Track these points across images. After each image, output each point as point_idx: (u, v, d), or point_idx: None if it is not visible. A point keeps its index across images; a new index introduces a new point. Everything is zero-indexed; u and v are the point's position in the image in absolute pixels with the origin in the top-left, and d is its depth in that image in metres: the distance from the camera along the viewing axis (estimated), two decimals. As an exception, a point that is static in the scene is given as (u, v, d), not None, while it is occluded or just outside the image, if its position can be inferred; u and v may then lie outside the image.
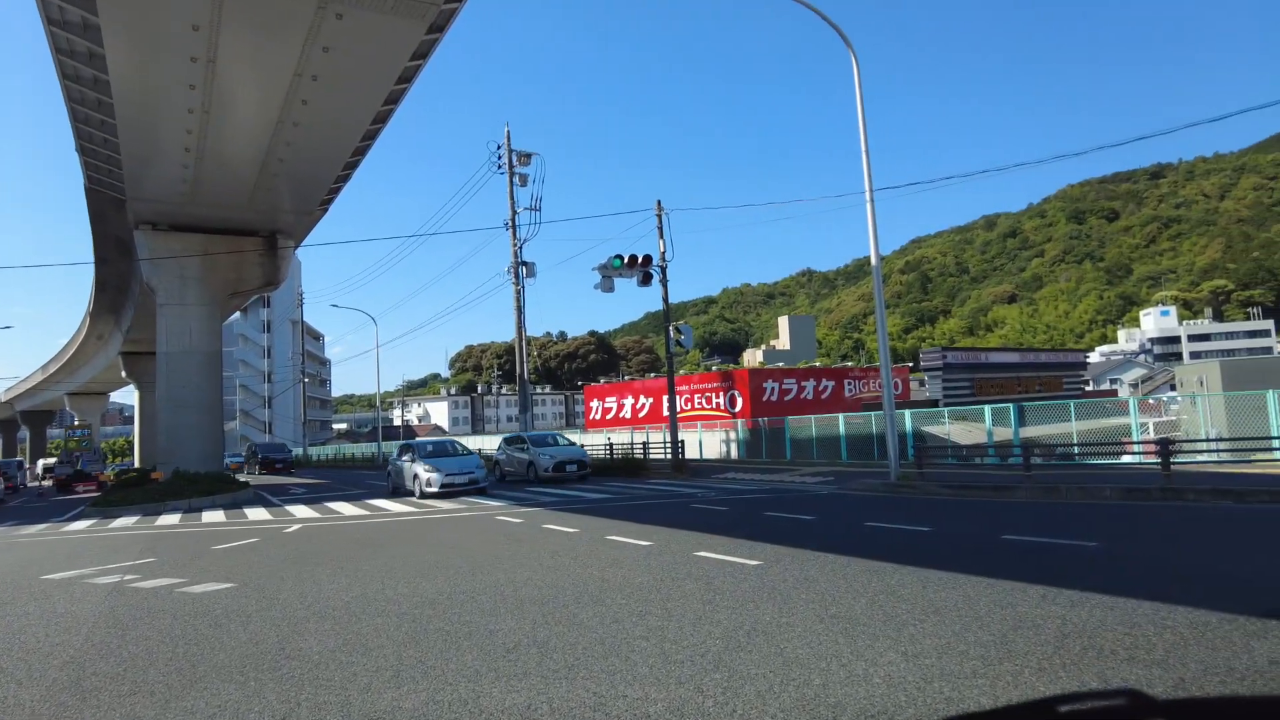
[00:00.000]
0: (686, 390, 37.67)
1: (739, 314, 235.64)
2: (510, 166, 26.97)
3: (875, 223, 16.11)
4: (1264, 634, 4.68)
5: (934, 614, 5.46)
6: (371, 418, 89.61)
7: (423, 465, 19.57)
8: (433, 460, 19.90)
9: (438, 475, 19.15)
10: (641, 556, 8.71)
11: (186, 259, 27.63)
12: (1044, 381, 39.12)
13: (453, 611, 6.34)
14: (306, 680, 4.62)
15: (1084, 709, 0.93)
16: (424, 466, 19.47)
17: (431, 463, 19.64)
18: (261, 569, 9.21)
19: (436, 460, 19.94)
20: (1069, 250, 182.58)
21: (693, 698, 3.97)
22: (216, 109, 19.37)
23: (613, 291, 23.53)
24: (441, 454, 20.79)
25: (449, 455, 20.84)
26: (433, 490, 19.00)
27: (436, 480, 19.07)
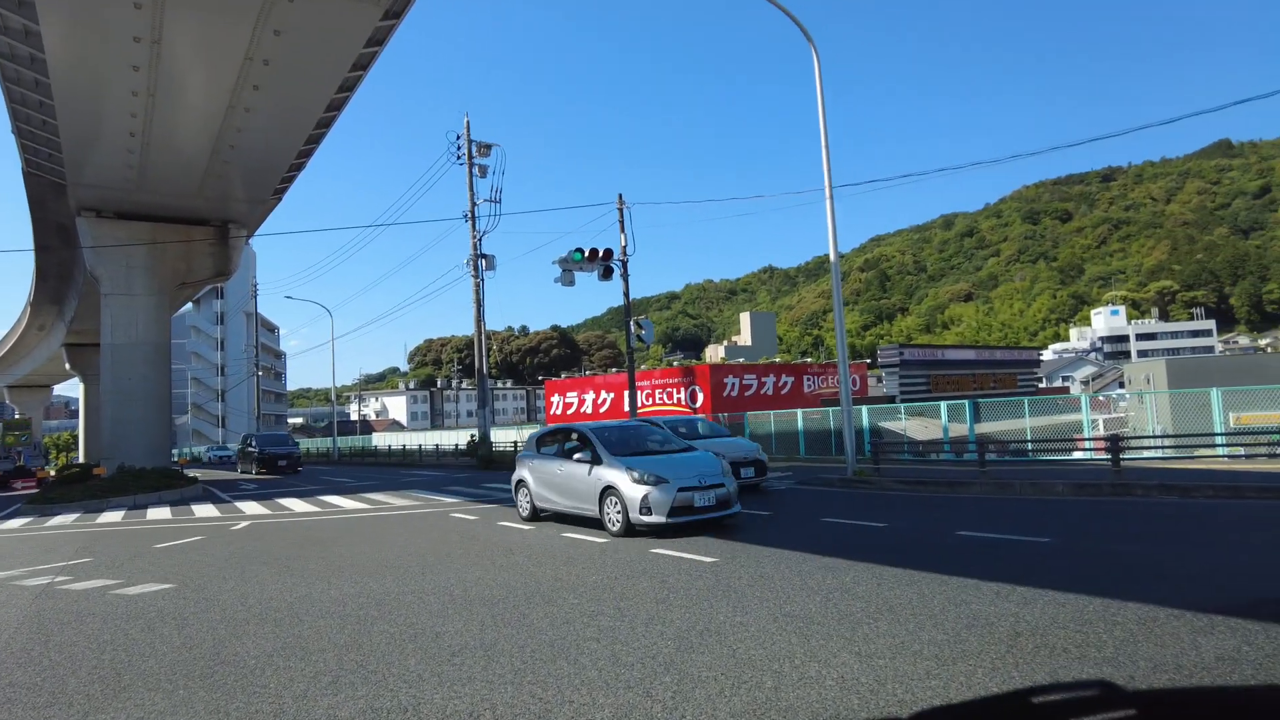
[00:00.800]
0: (648, 385, 37.60)
1: (702, 310, 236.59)
2: (470, 157, 26.57)
3: (834, 220, 16.15)
4: (1210, 630, 4.71)
5: (888, 612, 5.42)
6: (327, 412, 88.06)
7: (623, 470, 10.10)
8: (639, 463, 10.24)
9: (663, 492, 9.71)
10: (597, 554, 8.58)
11: (133, 248, 26.73)
12: (999, 379, 39.81)
13: (399, 613, 6.14)
14: (239, 688, 4.40)
15: (1056, 700, 0.94)
16: (627, 473, 10.03)
17: (639, 467, 10.08)
18: (203, 569, 8.89)
19: (645, 463, 10.27)
20: (1024, 250, 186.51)
21: (641, 702, 3.85)
22: (163, 92, 18.70)
23: (573, 285, 23.33)
24: (643, 448, 11.00)
25: (662, 451, 11.03)
26: (655, 520, 9.64)
27: (662, 501, 9.66)
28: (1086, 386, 73.00)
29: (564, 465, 11.15)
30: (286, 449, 35.36)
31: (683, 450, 11.25)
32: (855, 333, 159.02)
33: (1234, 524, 9.00)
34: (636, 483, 9.80)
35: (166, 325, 29.12)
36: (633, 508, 9.68)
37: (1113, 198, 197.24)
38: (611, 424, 12.49)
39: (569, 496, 10.98)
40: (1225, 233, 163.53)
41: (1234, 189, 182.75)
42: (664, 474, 9.87)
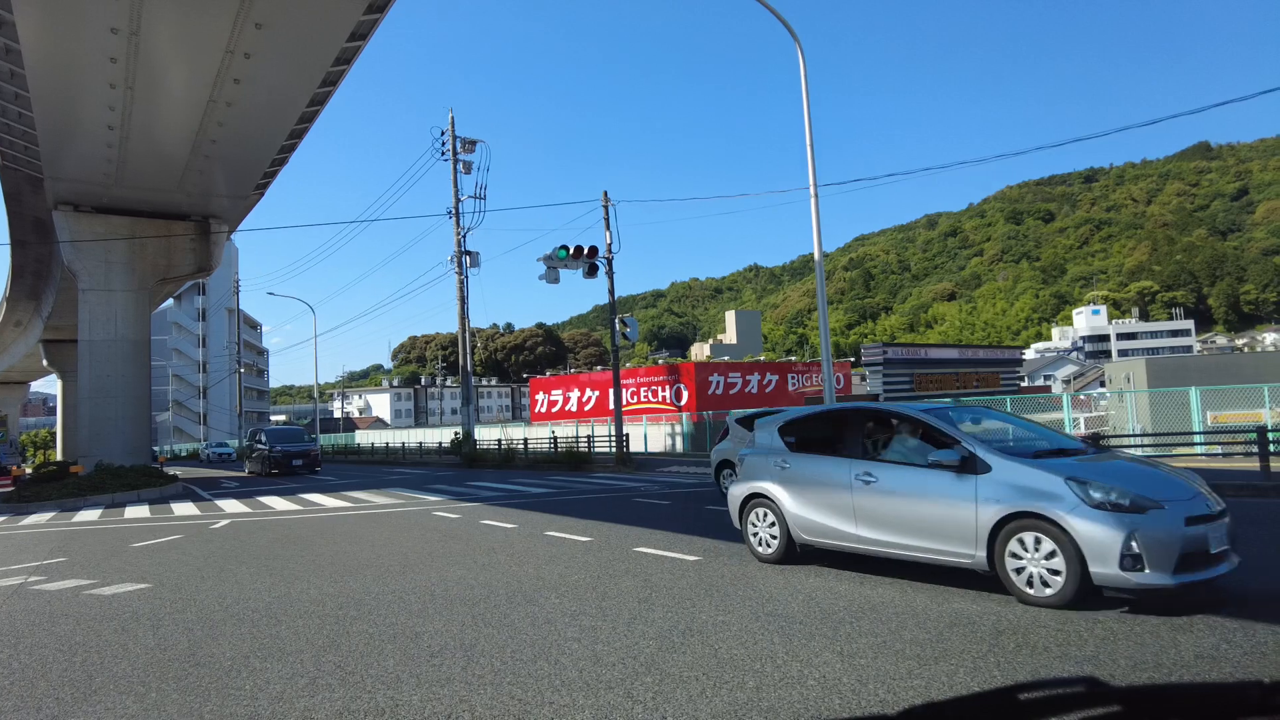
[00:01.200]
0: (633, 383, 37.58)
1: (687, 308, 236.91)
2: (454, 153, 26.42)
3: (819, 218, 16.18)
4: (1189, 628, 4.74)
5: (870, 611, 5.42)
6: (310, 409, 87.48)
7: (1058, 482, 5.44)
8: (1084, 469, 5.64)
9: (1159, 526, 5.13)
10: (580, 553, 8.53)
11: (112, 242, 26.40)
12: (981, 377, 40.11)
13: (379, 613, 6.07)
14: (214, 690, 4.33)
15: (1043, 696, 0.94)
16: (1069, 488, 5.37)
17: (1092, 476, 5.48)
18: (180, 568, 8.77)
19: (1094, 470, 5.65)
20: (1007, 250, 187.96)
21: (621, 703, 3.81)
22: (142, 85, 18.46)
23: (558, 283, 23.25)
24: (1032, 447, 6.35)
25: (1072, 451, 6.34)
26: (1151, 580, 5.01)
27: (1163, 543, 5.06)
28: (1068, 385, 73.67)
29: (877, 472, 6.55)
30: (303, 446, 29.50)
31: (1084, 450, 6.59)
32: (839, 331, 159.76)
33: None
34: (1097, 508, 5.26)
35: (146, 321, 28.78)
36: (1097, 554, 5.13)
37: (1095, 198, 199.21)
38: (937, 407, 7.37)
39: (898, 530, 6.31)
40: (1204, 234, 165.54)
41: (1212, 191, 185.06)
42: (1144, 491, 5.43)
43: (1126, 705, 0.94)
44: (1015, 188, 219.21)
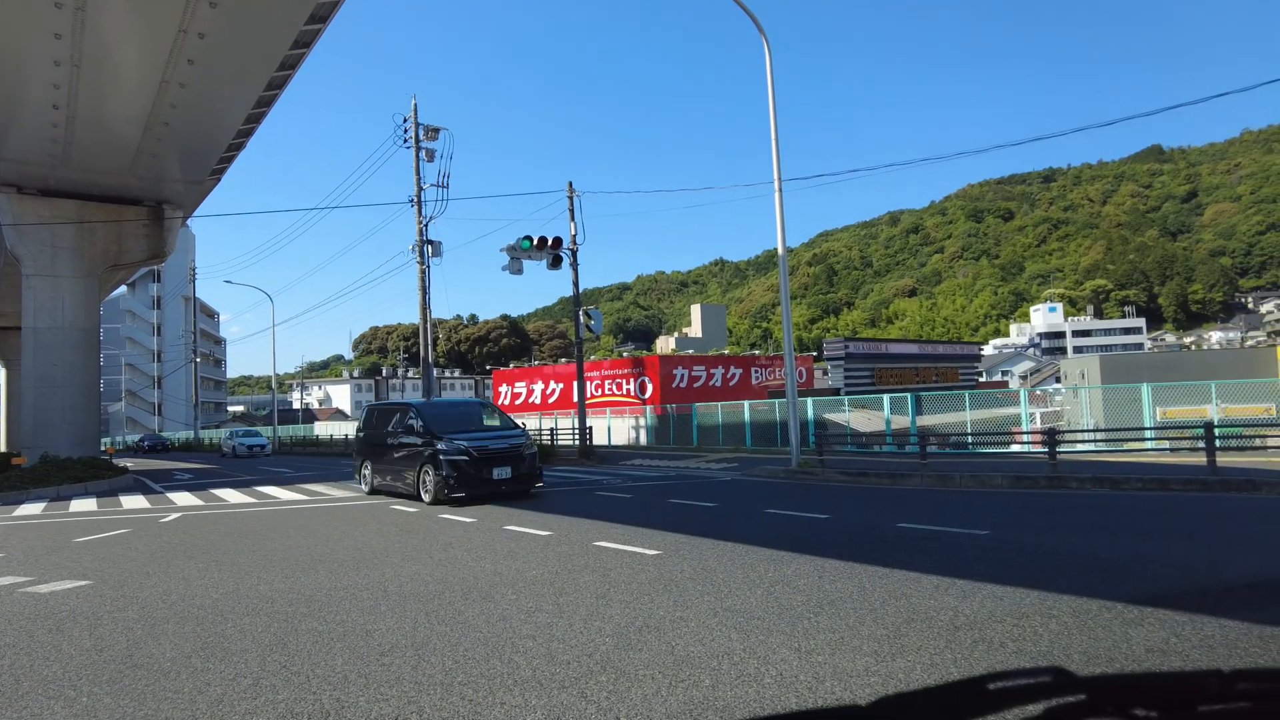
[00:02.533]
0: (597, 376, 37.44)
1: (653, 301, 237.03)
2: (416, 140, 25.99)
3: (783, 213, 16.20)
4: (1140, 622, 4.79)
5: (829, 606, 5.40)
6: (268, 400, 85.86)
7: None
8: None
9: None
10: (539, 548, 8.42)
11: (58, 226, 25.53)
12: (941, 372, 40.68)
13: (329, 609, 5.91)
14: (150, 693, 4.15)
15: (1011, 686, 0.97)
16: None
17: None
18: (125, 564, 8.48)
19: None
20: (967, 247, 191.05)
21: (575, 703, 3.73)
22: (89, 63, 17.81)
23: (521, 274, 23.01)
24: None
25: None
26: None
27: None
28: (1025, 381, 75.15)
29: None
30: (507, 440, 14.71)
31: None
32: (803, 326, 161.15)
33: (1161, 515, 9.27)
34: None
35: (95, 309, 27.92)
36: None
37: (1053, 198, 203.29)
38: None
39: None
40: (1155, 235, 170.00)
41: (1164, 193, 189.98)
42: None
43: (1092, 694, 0.97)
44: (976, 186, 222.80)
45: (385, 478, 14.98)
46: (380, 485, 15.22)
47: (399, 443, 14.59)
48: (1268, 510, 9.48)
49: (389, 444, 14.92)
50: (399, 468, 14.40)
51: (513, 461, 13.45)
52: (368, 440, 15.90)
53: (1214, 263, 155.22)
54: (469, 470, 12.96)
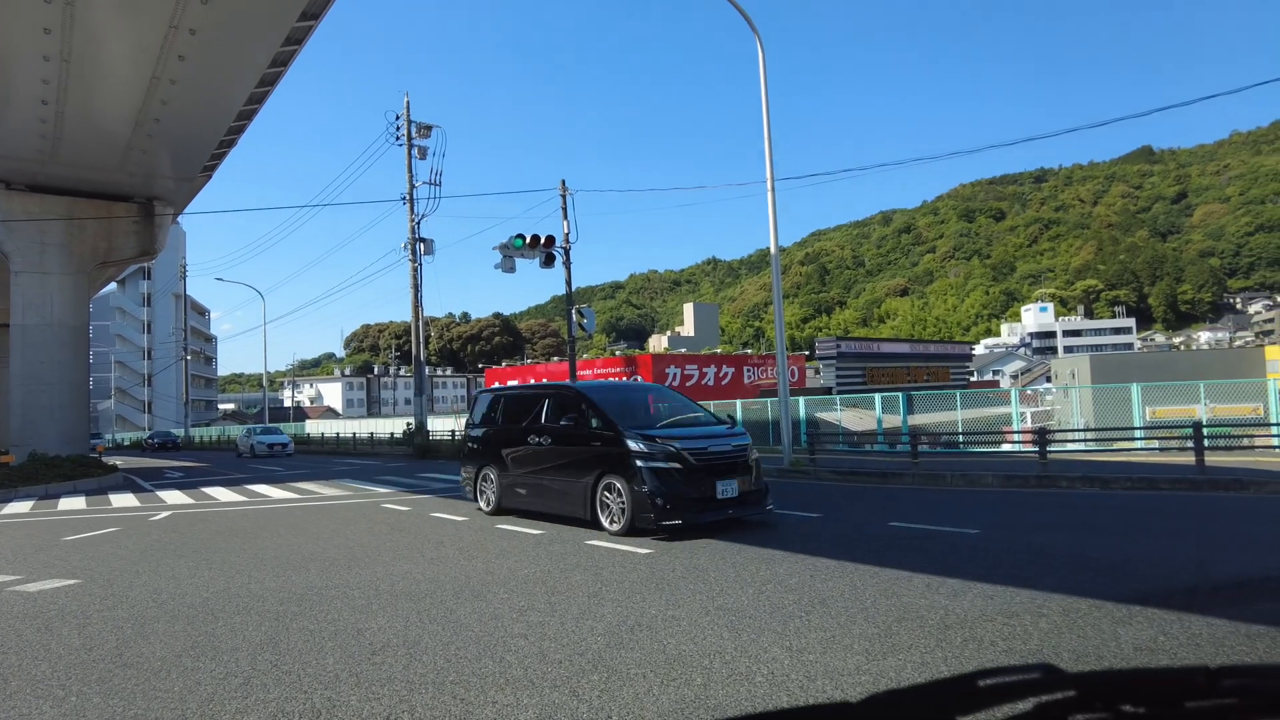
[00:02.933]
0: (590, 374, 37.42)
1: (646, 299, 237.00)
2: (409, 138, 25.92)
3: (775, 212, 16.22)
4: (1129, 620, 4.82)
5: (820, 605, 5.41)
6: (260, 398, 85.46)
7: None
8: None
9: None
10: (530, 546, 8.42)
11: (47, 223, 25.34)
12: (932, 371, 40.82)
13: (321, 608, 5.89)
14: (139, 692, 4.13)
15: (1002, 683, 0.98)
16: None
17: None
18: (115, 562, 8.43)
19: None
20: (959, 247, 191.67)
21: (566, 702, 3.73)
22: (79, 59, 17.68)
23: (514, 272, 22.98)
24: None
25: None
26: None
27: None
28: (1016, 380, 75.48)
29: None
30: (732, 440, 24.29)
31: None
32: (795, 325, 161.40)
33: (1149, 514, 9.32)
34: None
35: (85, 306, 27.73)
36: None
37: (1044, 198, 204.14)
38: None
39: None
40: (1145, 235, 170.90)
41: (1154, 194, 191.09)
42: None
43: (1081, 691, 0.98)
44: (968, 186, 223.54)
45: (523, 492, 10.75)
46: (513, 502, 10.97)
47: (551, 443, 10.39)
48: (1254, 509, 9.55)
49: (531, 444, 10.70)
50: (553, 479, 10.20)
51: (740, 473, 9.36)
52: (492, 440, 11.63)
53: (1203, 263, 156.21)
54: (683, 486, 8.86)
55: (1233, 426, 16.62)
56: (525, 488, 10.70)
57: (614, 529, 9.00)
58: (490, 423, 11.95)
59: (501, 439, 11.36)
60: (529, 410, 11.00)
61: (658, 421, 9.95)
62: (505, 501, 11.07)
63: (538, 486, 10.47)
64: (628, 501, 8.86)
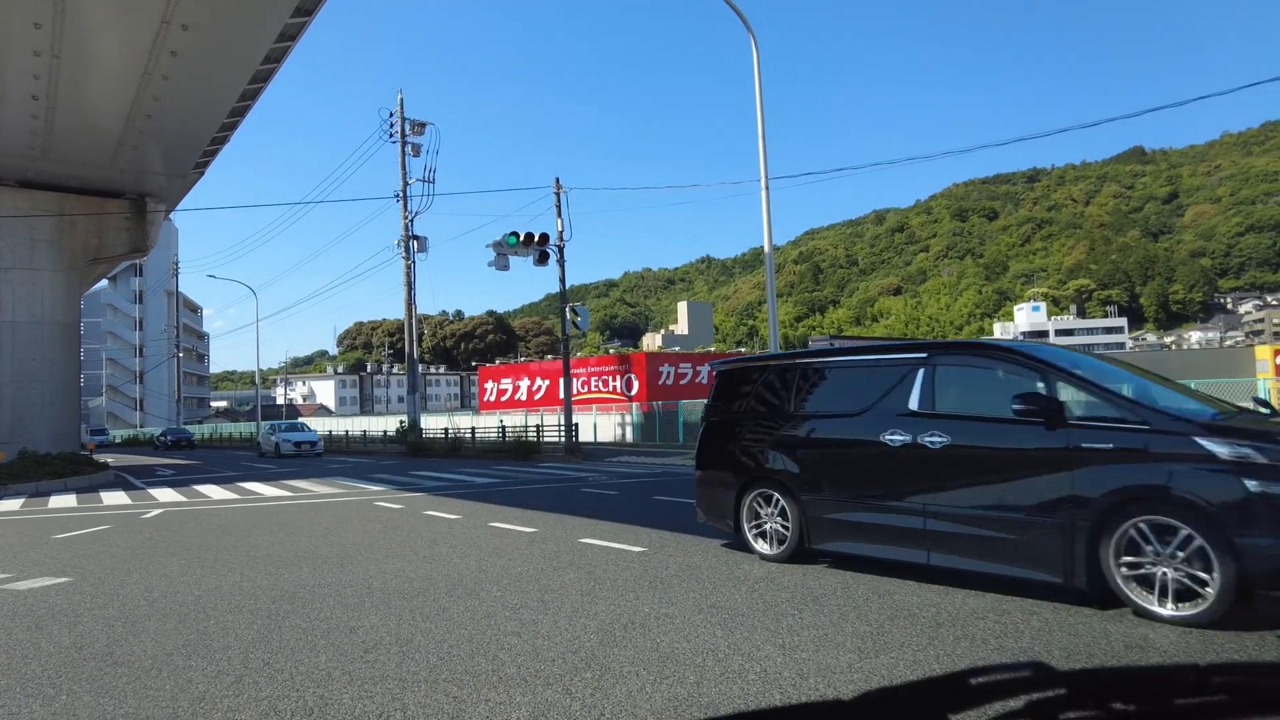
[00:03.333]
0: (583, 373, 37.42)
1: (640, 298, 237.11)
2: (403, 135, 25.86)
3: (769, 210, 16.24)
4: (1119, 618, 4.85)
5: (813, 602, 5.43)
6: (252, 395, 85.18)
7: None
8: None
9: None
10: (524, 544, 8.42)
11: (37, 219, 25.25)
12: (925, 371, 40.87)
13: (313, 606, 5.88)
14: (130, 691, 4.12)
15: (993, 680, 0.98)
16: None
17: None
18: (106, 560, 8.39)
19: None
20: (952, 246, 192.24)
21: (559, 700, 3.73)
22: (70, 55, 17.61)
23: (507, 270, 22.96)
24: None
25: None
26: None
27: None
28: (1008, 380, 75.58)
29: None
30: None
31: None
32: (788, 323, 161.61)
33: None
34: None
35: (76, 303, 27.64)
36: None
37: (1037, 198, 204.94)
38: None
39: None
40: (1137, 235, 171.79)
41: (1146, 194, 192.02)
42: None
43: (1071, 688, 0.98)
44: (961, 185, 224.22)
45: (864, 524, 6.28)
46: (841, 543, 6.49)
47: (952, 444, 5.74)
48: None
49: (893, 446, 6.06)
50: (964, 511, 5.62)
51: None
52: (776, 439, 7.19)
53: (1194, 263, 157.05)
54: None
55: (1223, 426, 16.68)
56: (870, 520, 6.27)
57: (1171, 614, 4.65)
58: (765, 413, 7.48)
59: (800, 440, 6.99)
60: (875, 389, 6.47)
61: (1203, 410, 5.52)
62: (820, 540, 6.64)
63: (910, 520, 5.98)
64: (1220, 569, 4.45)
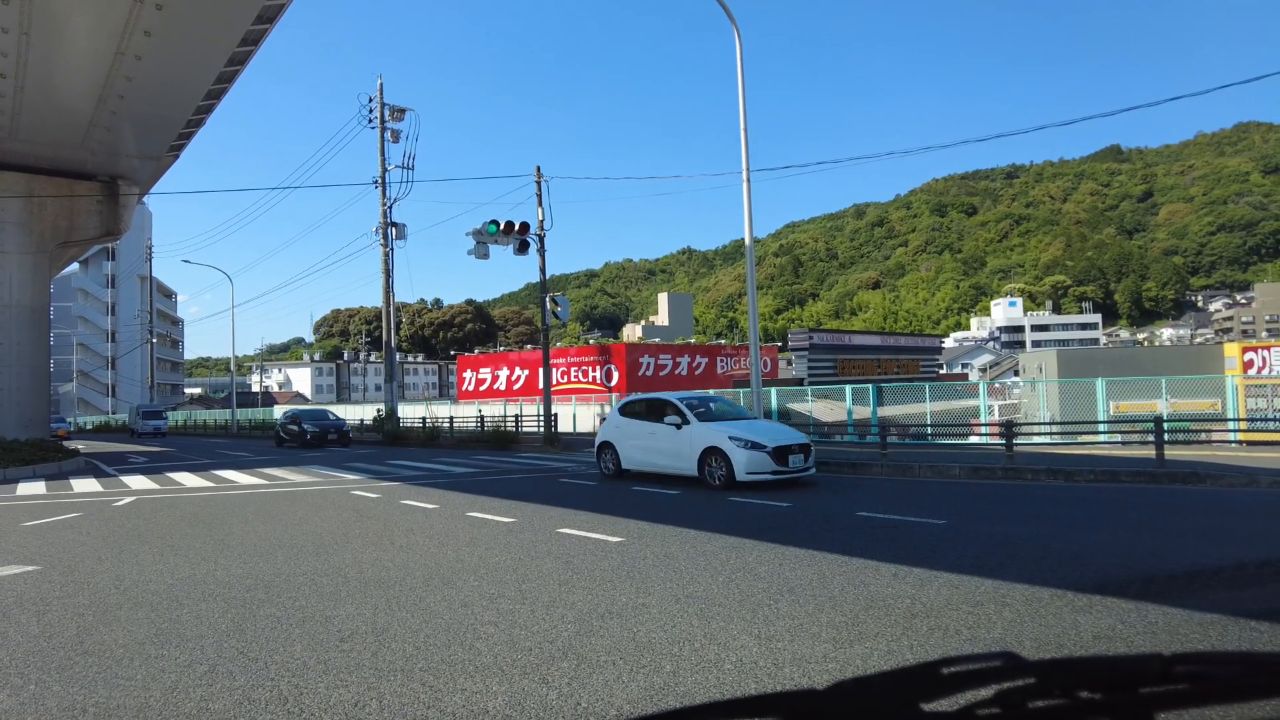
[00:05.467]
0: (563, 363, 37.35)
1: (620, 289, 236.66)
2: (382, 120, 25.57)
3: (751, 204, 16.26)
4: (1089, 609, 4.93)
5: (789, 593, 5.47)
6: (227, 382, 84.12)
7: None
8: None
9: None
10: (502, 534, 8.40)
11: (5, 200, 24.72)
12: (902, 364, 41.24)
13: (288, 596, 5.84)
14: (100, 680, 4.07)
15: (964, 670, 1.01)
16: None
17: None
18: (76, 549, 8.28)
19: None
20: (930, 241, 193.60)
21: (536, 689, 3.74)
22: (39, 32, 17.22)
23: (487, 258, 22.81)
24: None
25: None
26: None
27: None
28: (984, 374, 76.49)
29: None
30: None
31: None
32: (768, 316, 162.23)
33: (1110, 506, 9.52)
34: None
35: (45, 287, 27.14)
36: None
37: (1015, 194, 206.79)
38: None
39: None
40: (1113, 233, 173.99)
41: (1122, 192, 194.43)
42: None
43: (1040, 677, 1.01)
44: (941, 181, 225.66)
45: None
46: None
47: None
48: (1210, 502, 9.80)
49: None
50: None
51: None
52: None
53: (1167, 261, 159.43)
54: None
55: (1192, 421, 17.01)
56: None
57: None
58: None
59: None
60: None
61: None
62: None
63: None
64: None
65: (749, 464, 11.53)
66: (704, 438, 12.12)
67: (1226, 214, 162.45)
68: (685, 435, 12.45)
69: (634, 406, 14.27)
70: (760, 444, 11.68)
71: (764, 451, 11.60)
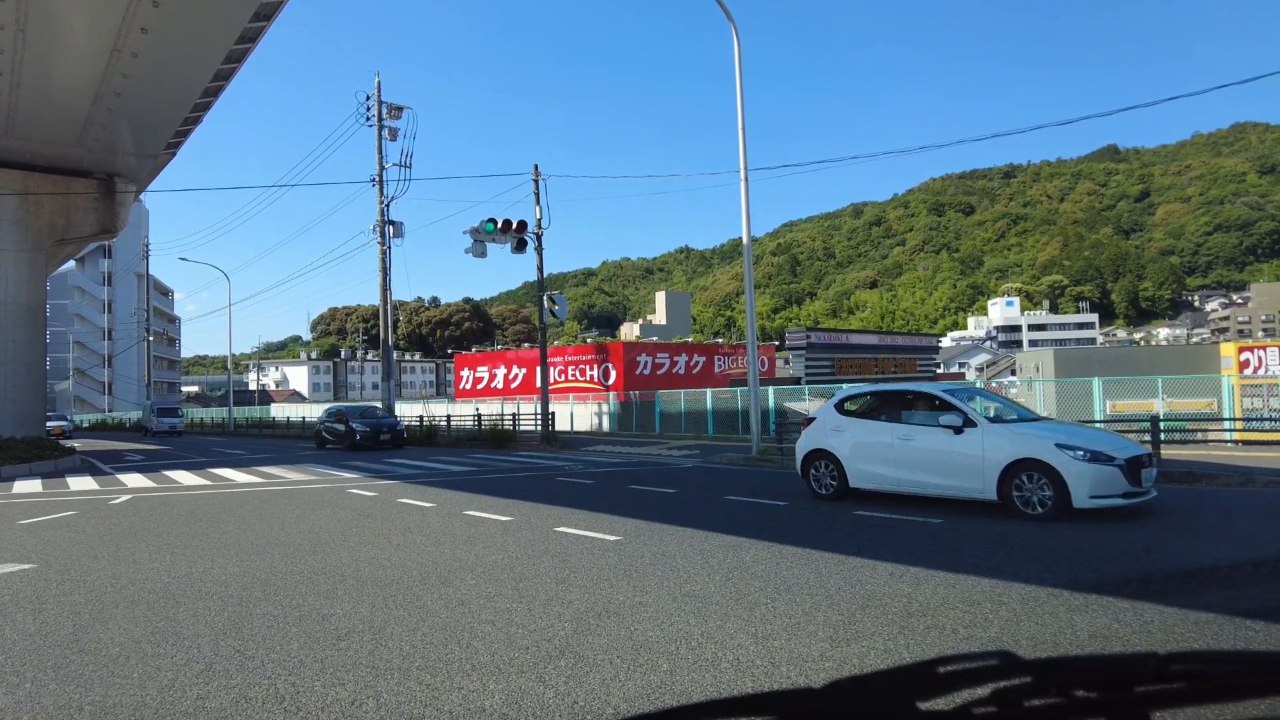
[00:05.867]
0: (561, 362, 37.34)
1: (618, 287, 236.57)
2: (380, 118, 25.53)
3: (749, 203, 16.26)
4: (1084, 608, 4.94)
5: (786, 592, 5.47)
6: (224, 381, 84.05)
7: None
8: None
9: None
10: (499, 533, 8.40)
11: (1, 197, 24.64)
12: (899, 363, 41.30)
13: (285, 594, 5.83)
14: (97, 679, 4.06)
15: (961, 669, 1.01)
16: None
17: None
18: (72, 547, 8.26)
19: None
20: (928, 240, 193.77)
21: (533, 688, 3.74)
22: (36, 28, 17.17)
23: (485, 257, 22.82)
24: None
25: None
26: None
27: None
28: (981, 373, 76.61)
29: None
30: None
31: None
32: (766, 315, 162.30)
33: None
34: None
35: (41, 284, 27.07)
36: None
37: (1012, 194, 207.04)
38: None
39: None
40: (1110, 233, 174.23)
41: (1119, 192, 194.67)
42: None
43: (1036, 676, 1.02)
44: (938, 180, 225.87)
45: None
46: None
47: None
48: (1205, 501, 9.82)
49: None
50: None
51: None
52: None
53: (1164, 261, 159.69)
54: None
55: (1188, 421, 17.04)
56: None
57: None
58: None
59: None
60: None
61: None
62: None
63: None
64: None
65: (1095, 484, 8.16)
66: (1010, 446, 8.67)
67: (1223, 214, 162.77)
68: (971, 442, 8.94)
69: (865, 401, 10.67)
70: (1105, 454, 8.31)
71: (1114, 465, 8.26)
